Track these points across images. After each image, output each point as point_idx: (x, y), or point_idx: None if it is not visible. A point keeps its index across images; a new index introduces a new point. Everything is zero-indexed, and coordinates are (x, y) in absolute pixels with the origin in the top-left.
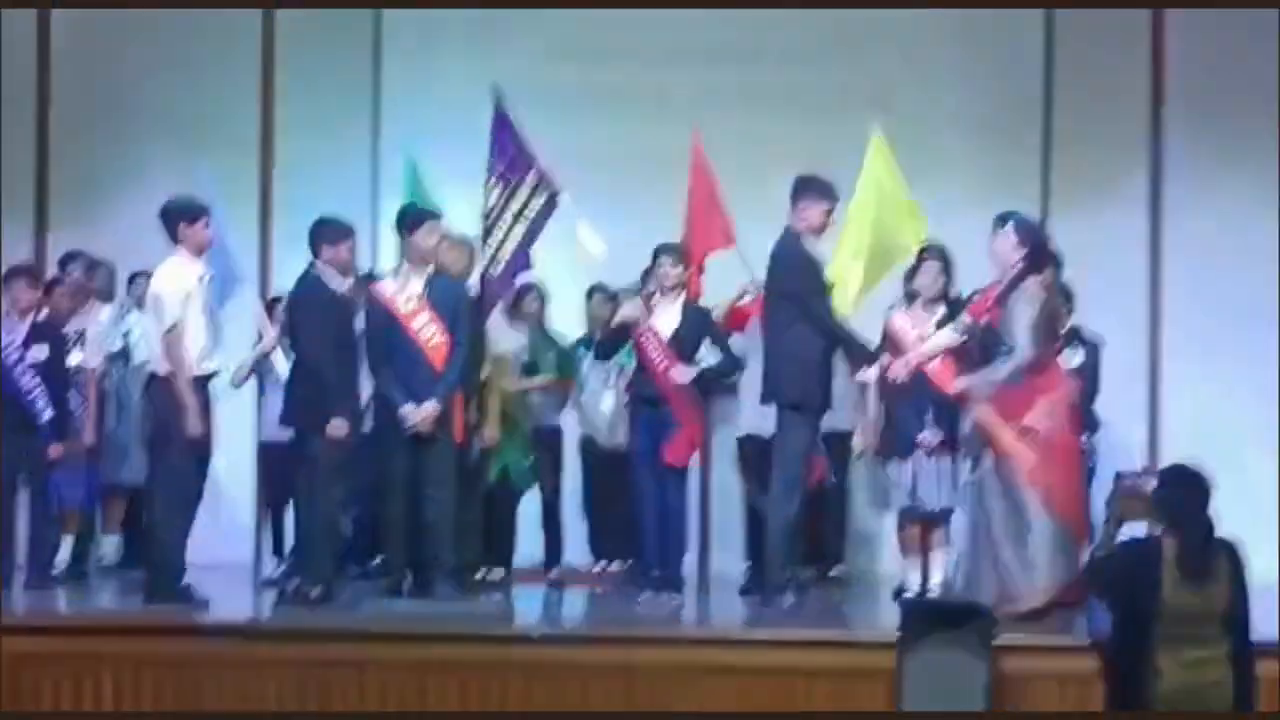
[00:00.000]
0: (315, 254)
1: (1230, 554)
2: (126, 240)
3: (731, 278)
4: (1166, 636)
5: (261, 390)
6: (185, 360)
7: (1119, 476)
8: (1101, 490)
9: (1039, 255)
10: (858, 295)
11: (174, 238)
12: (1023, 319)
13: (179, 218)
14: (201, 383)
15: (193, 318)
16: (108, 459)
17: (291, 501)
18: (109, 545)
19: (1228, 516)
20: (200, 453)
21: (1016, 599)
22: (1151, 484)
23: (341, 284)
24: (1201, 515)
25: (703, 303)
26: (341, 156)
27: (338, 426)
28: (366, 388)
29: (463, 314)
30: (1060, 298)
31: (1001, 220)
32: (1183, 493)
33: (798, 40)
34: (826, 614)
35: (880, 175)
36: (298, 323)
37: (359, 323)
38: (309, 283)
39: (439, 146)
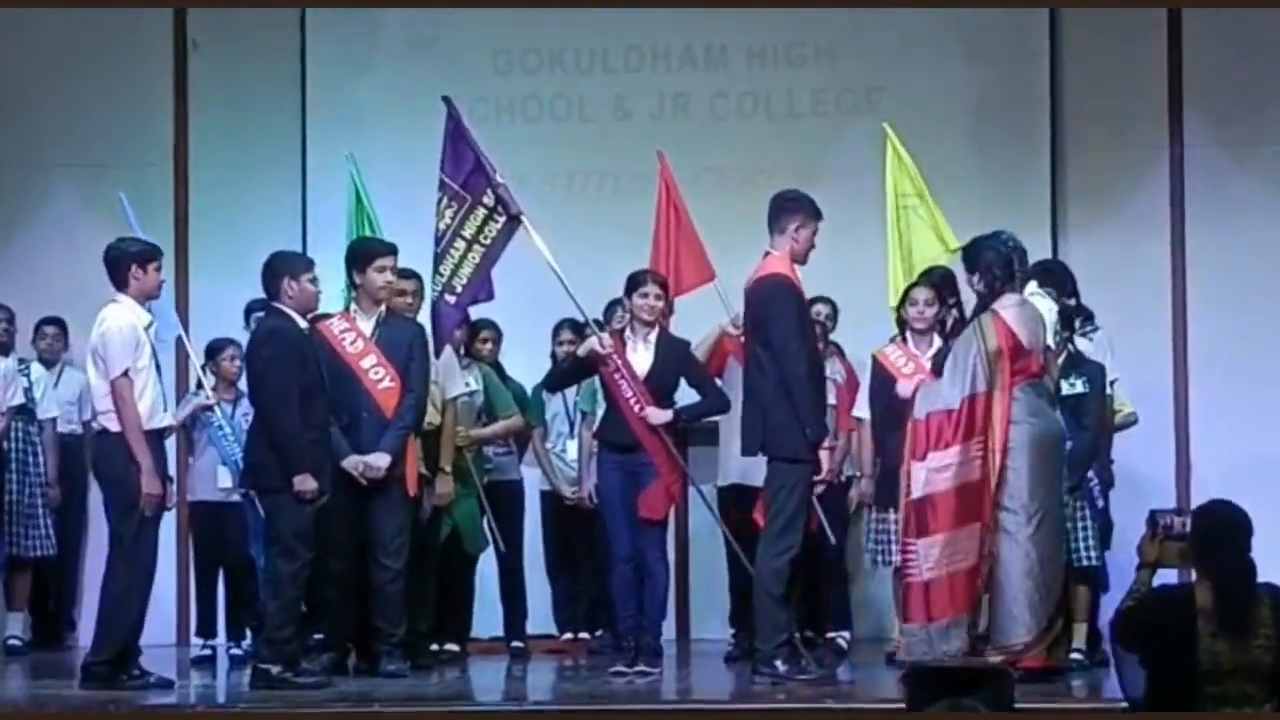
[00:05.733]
0: (272, 293)
1: (1274, 602)
2: (23, 280)
3: (704, 312)
4: (1203, 696)
5: (191, 445)
6: (138, 414)
7: (1153, 516)
8: (1125, 535)
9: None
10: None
11: (121, 283)
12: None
13: (131, 261)
14: (155, 438)
15: (144, 368)
16: (10, 528)
17: (223, 570)
18: (15, 625)
19: (1268, 559)
20: (155, 515)
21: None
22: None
23: (304, 325)
24: (1240, 559)
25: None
26: (265, 180)
27: (304, 483)
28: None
29: (417, 357)
30: (1059, 321)
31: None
32: (1218, 534)
33: (769, 40)
34: (823, 683)
35: (898, 175)
36: (260, 371)
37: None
38: (271, 325)
39: (372, 165)
